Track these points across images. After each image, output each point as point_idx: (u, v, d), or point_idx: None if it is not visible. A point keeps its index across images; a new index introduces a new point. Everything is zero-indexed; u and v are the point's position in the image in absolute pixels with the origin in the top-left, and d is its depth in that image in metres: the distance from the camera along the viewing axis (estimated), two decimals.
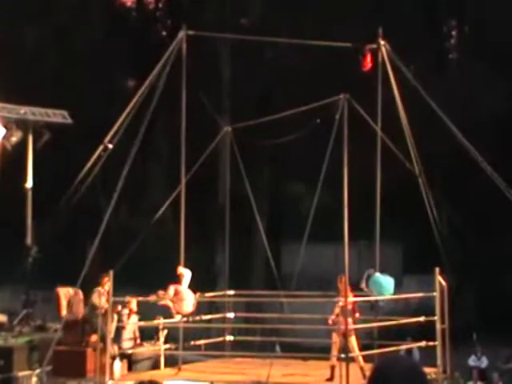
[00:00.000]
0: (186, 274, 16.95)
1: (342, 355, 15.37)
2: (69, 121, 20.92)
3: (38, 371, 16.82)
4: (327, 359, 16.19)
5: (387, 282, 16.74)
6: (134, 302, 17.33)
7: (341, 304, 15.74)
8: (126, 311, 17.26)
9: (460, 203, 30.89)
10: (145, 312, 17.78)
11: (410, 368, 4.53)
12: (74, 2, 32.59)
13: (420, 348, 20.26)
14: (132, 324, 17.32)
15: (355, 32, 23.24)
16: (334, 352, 15.68)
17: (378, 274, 16.81)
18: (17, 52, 31.11)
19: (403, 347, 20.04)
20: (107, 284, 16.31)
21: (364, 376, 15.22)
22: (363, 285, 16.76)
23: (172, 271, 17.52)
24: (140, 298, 17.44)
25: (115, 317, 16.43)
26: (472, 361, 25.94)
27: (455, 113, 19.41)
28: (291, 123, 20.30)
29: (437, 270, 16.16)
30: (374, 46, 17.50)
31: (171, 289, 16.58)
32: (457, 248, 26.69)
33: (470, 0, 34.65)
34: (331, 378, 15.49)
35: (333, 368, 15.54)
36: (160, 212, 18.54)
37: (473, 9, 34.63)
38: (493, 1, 33.05)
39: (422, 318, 16.89)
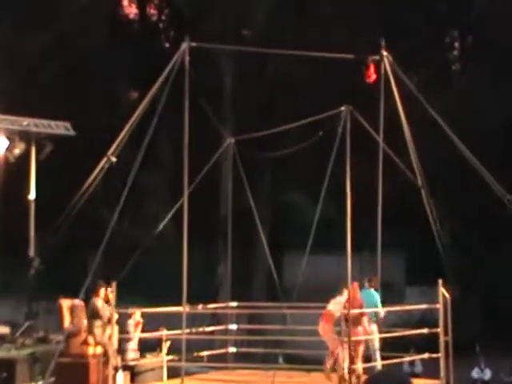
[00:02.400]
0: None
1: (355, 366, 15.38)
2: (71, 132, 20.92)
3: (40, 383, 16.78)
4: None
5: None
6: (138, 313, 17.31)
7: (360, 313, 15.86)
8: (131, 321, 17.23)
9: (463, 214, 30.87)
10: (147, 323, 17.75)
11: (397, 382, 4.54)
12: (77, 14, 32.66)
13: (423, 360, 20.22)
14: (137, 335, 17.31)
15: (358, 43, 23.30)
16: (356, 364, 15.67)
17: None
18: (19, 64, 31.16)
19: (406, 359, 20.01)
20: (102, 292, 16.34)
21: None
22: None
23: (174, 281, 17.51)
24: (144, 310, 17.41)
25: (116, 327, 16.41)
26: (475, 373, 25.88)
27: (458, 124, 19.42)
28: (294, 134, 20.33)
29: (440, 281, 16.14)
30: (377, 57, 17.52)
31: None
32: (460, 259, 26.65)
33: (473, 11, 34.71)
34: None
35: (341, 379, 15.45)
36: (163, 223, 18.54)
37: (475, 20, 34.70)
38: (495, 12, 33.10)
39: (425, 330, 16.86)
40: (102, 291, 16.48)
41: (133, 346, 17.21)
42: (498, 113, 31.61)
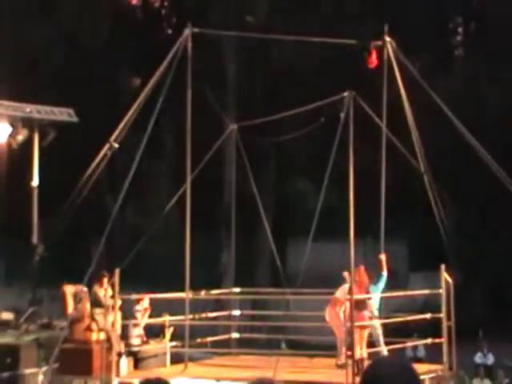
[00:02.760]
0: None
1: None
2: (75, 119, 20.92)
3: (44, 369, 16.86)
4: (333, 357, 16.22)
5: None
6: (146, 300, 17.33)
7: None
8: (139, 307, 17.26)
9: (466, 200, 30.87)
10: (151, 309, 17.78)
11: (399, 368, 4.53)
12: (80, 2, 32.61)
13: (426, 345, 20.26)
14: (143, 321, 17.36)
15: (361, 29, 23.24)
16: (361, 349, 15.73)
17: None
18: (22, 51, 31.14)
19: (409, 344, 20.05)
20: (105, 283, 16.36)
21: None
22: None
23: (177, 269, 17.55)
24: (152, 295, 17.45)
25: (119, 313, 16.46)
26: (478, 358, 25.93)
27: (461, 110, 19.40)
28: (297, 120, 20.30)
29: (442, 266, 16.17)
30: (380, 43, 17.47)
31: None
32: (463, 245, 26.67)
33: None
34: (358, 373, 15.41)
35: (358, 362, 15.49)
36: (166, 210, 18.56)
37: (478, 5, 34.59)
38: None
39: (428, 315, 16.90)
40: (105, 281, 16.49)
41: (137, 332, 17.25)
42: (499, 99, 31.55)
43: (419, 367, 16.53)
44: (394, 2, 31.38)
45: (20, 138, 20.07)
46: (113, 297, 16.18)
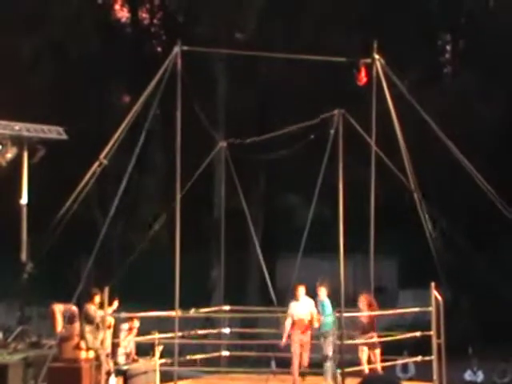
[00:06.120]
0: None
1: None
2: (64, 137, 20.90)
3: None
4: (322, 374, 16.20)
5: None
6: (136, 323, 17.19)
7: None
8: (125, 326, 17.16)
9: (455, 217, 30.91)
10: (140, 327, 17.70)
11: None
12: (69, 18, 32.64)
13: (416, 363, 20.22)
14: (128, 340, 17.25)
15: (350, 46, 23.35)
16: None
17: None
18: (11, 68, 31.11)
19: (399, 362, 20.03)
20: (97, 299, 16.27)
21: None
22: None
23: (167, 286, 17.49)
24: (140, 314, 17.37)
25: (108, 332, 16.37)
26: (468, 375, 25.92)
27: (450, 126, 19.44)
28: (286, 137, 20.33)
29: (432, 284, 16.17)
30: (369, 60, 17.54)
31: None
32: (452, 262, 26.69)
33: (465, 14, 34.82)
34: None
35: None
36: (155, 227, 18.53)
37: (467, 23, 34.81)
38: (487, 15, 33.22)
39: (418, 333, 16.88)
40: (97, 298, 16.39)
41: (122, 350, 17.09)
42: (489, 115, 31.69)
43: None
44: (383, 19, 31.54)
45: (9, 156, 20.03)
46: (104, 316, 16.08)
